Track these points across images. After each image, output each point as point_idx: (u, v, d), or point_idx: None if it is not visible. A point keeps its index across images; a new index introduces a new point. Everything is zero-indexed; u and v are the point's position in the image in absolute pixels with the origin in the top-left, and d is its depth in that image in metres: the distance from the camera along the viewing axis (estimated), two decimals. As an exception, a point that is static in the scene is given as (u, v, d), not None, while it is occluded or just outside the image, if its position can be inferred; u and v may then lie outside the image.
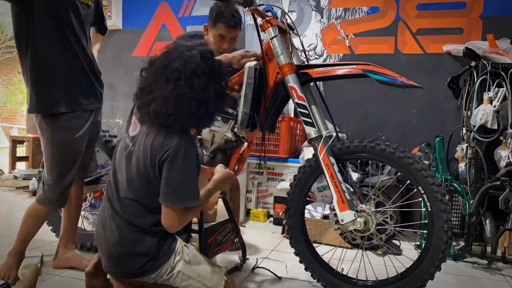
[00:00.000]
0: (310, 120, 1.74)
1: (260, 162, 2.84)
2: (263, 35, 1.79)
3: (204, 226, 1.88)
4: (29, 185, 4.06)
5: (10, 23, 1.93)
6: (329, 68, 1.73)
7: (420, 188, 1.65)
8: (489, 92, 2.63)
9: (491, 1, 3.36)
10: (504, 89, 2.60)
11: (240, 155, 2.04)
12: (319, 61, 3.77)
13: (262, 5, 1.84)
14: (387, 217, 1.82)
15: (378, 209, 1.76)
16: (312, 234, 2.17)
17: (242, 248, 2.17)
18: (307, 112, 1.74)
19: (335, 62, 3.23)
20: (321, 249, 1.93)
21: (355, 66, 1.69)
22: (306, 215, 2.24)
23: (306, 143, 2.82)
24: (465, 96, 2.87)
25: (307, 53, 3.78)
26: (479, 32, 3.37)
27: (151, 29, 4.35)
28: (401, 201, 2.03)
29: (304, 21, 3.85)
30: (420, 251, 1.72)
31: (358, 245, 1.86)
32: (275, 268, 2.12)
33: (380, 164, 2.92)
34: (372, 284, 1.78)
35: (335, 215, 1.71)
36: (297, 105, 1.75)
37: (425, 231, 1.74)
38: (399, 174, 2.68)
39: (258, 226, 3.16)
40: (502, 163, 2.54)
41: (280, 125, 3.22)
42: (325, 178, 1.70)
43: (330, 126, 1.92)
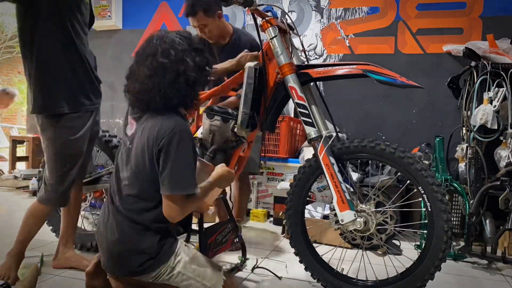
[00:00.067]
0: (310, 120, 1.74)
1: (260, 162, 2.83)
2: (263, 35, 1.79)
3: (204, 226, 1.88)
4: (29, 185, 4.06)
5: (10, 23, 1.94)
6: (329, 68, 1.73)
7: (420, 188, 1.65)
8: (489, 92, 2.63)
9: (491, 1, 3.36)
10: (504, 89, 2.60)
11: (240, 155, 2.04)
12: (319, 61, 3.77)
13: (262, 5, 1.84)
14: (387, 217, 1.82)
15: (378, 209, 1.76)
16: (312, 234, 2.17)
17: (242, 248, 2.16)
18: (307, 112, 1.74)
19: (335, 62, 3.23)
20: (321, 249, 1.93)
21: (355, 66, 1.69)
22: (306, 215, 2.24)
23: (306, 143, 2.82)
24: (465, 96, 2.87)
25: (307, 53, 3.78)
26: (479, 32, 3.37)
27: (151, 29, 4.34)
28: (401, 201, 2.03)
29: (304, 21, 3.85)
30: (420, 251, 1.71)
31: (358, 245, 1.86)
32: (275, 268, 2.12)
33: (380, 164, 2.92)
34: (372, 284, 1.78)
35: (335, 215, 1.71)
36: (297, 105, 1.75)
37: (425, 231, 1.74)
38: (399, 174, 2.68)
39: (258, 226, 3.16)
40: (502, 163, 2.54)
41: (280, 125, 3.22)
42: (325, 178, 1.70)
43: (330, 126, 1.92)
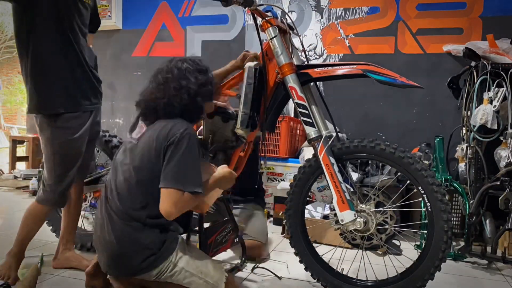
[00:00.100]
0: (310, 120, 1.74)
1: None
2: (263, 35, 1.79)
3: (204, 226, 1.88)
4: (29, 185, 4.06)
5: (10, 23, 1.93)
6: (329, 68, 1.73)
7: (420, 188, 1.65)
8: (489, 92, 2.62)
9: (491, 1, 3.36)
10: (504, 89, 2.60)
11: (240, 155, 2.04)
12: (319, 61, 3.77)
13: (262, 5, 1.84)
14: (387, 217, 1.82)
15: (378, 209, 1.76)
16: (312, 234, 2.17)
17: (242, 248, 2.17)
18: (307, 112, 1.74)
19: (335, 62, 3.23)
20: (321, 249, 1.93)
21: (355, 66, 1.69)
22: (306, 215, 2.24)
23: (306, 143, 2.82)
24: (465, 96, 2.86)
25: (307, 53, 3.78)
26: (479, 32, 3.37)
27: (151, 29, 4.35)
28: (401, 201, 2.03)
29: (304, 21, 3.85)
30: (420, 251, 1.71)
31: (358, 245, 1.86)
32: (275, 268, 2.12)
33: (380, 164, 2.91)
34: (372, 284, 1.78)
35: (335, 215, 1.71)
36: (297, 105, 1.75)
37: (425, 231, 1.74)
38: (399, 174, 2.68)
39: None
40: (502, 163, 2.53)
41: (280, 125, 3.22)
42: (325, 178, 1.70)
43: (330, 126, 1.92)
